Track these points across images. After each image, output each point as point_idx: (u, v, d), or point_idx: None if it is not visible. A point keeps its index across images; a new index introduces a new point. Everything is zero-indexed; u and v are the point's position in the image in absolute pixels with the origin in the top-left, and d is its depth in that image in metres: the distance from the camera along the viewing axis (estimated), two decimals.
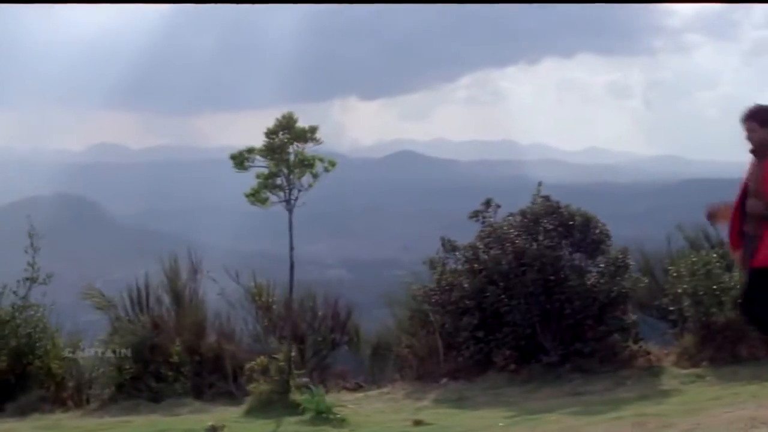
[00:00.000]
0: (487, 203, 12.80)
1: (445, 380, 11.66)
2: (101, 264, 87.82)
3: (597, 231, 12.39)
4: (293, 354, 11.07)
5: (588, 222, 12.38)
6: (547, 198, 12.64)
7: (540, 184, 13.03)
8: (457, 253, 12.74)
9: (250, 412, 10.39)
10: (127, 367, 11.75)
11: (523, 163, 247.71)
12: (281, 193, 10.89)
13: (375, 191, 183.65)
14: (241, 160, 10.79)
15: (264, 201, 10.94)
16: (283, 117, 10.65)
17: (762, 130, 7.44)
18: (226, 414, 10.47)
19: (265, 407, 10.36)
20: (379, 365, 12.91)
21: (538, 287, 11.82)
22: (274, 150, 10.68)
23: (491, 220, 12.74)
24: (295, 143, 10.72)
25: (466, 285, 12.22)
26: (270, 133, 10.69)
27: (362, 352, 13.19)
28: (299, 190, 10.86)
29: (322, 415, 9.81)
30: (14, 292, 12.18)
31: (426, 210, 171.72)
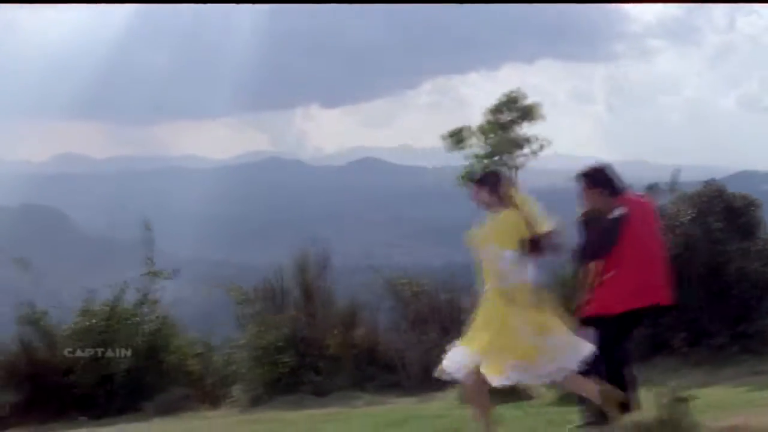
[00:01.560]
0: (650, 188, 12.31)
1: None
2: (68, 273, 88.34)
3: (755, 214, 12.24)
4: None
5: (749, 204, 12.23)
6: (709, 183, 12.39)
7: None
8: None
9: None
10: (286, 360, 11.27)
11: None
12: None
13: (338, 198, 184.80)
14: (458, 138, 10.60)
15: None
16: (511, 93, 9.92)
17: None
18: (414, 404, 9.99)
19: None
20: None
21: (705, 270, 11.66)
22: (500, 127, 9.99)
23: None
24: (522, 121, 9.88)
25: None
26: (495, 110, 10.04)
27: None
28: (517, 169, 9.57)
29: None
30: (136, 289, 12.02)
31: (391, 217, 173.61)
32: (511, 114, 9.36)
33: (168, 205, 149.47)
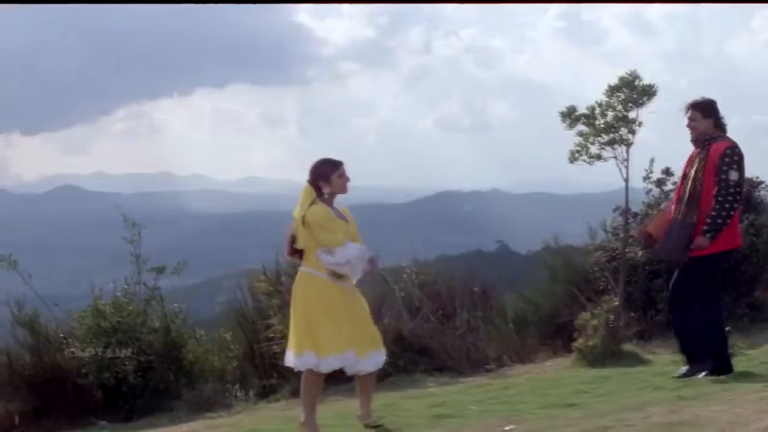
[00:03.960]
0: (667, 171, 12.56)
1: (634, 342, 11.49)
2: None
3: None
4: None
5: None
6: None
7: None
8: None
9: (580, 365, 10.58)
10: None
11: (181, 193, 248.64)
12: (620, 148, 10.88)
13: (39, 226, 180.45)
14: (575, 117, 10.87)
15: (597, 157, 10.99)
16: (627, 74, 10.67)
17: (704, 121, 8.19)
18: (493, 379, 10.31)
19: (597, 361, 10.51)
20: (522, 338, 12.59)
21: None
22: (612, 107, 10.71)
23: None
24: (639, 102, 10.71)
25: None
26: (613, 90, 10.76)
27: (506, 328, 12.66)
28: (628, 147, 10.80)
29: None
30: (144, 284, 11.58)
31: (90, 244, 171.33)
32: (626, 94, 10.47)
33: None
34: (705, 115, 8.13)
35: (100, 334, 11.13)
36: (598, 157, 10.96)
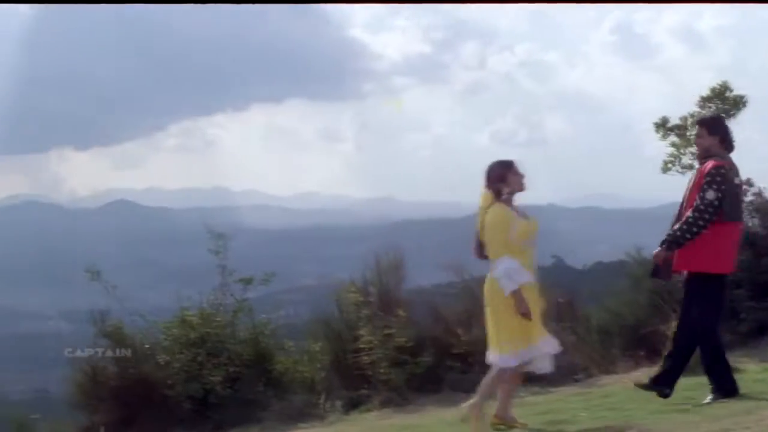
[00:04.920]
0: (747, 182, 12.12)
1: None
2: None
3: None
4: None
5: None
6: None
7: None
8: None
9: None
10: (427, 357, 10.90)
11: (236, 209, 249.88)
12: None
13: (93, 241, 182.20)
14: (668, 128, 10.84)
15: (689, 168, 10.97)
16: (719, 85, 10.59)
17: (709, 138, 7.86)
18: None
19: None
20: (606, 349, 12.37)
21: None
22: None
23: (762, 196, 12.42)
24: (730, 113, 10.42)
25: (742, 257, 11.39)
26: (705, 101, 10.66)
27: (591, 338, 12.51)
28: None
29: None
30: (231, 295, 11.52)
31: (143, 259, 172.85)
32: (718, 105, 10.32)
33: None
34: (711, 131, 7.82)
35: (188, 345, 11.16)
36: (690, 167, 10.86)
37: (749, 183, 12.23)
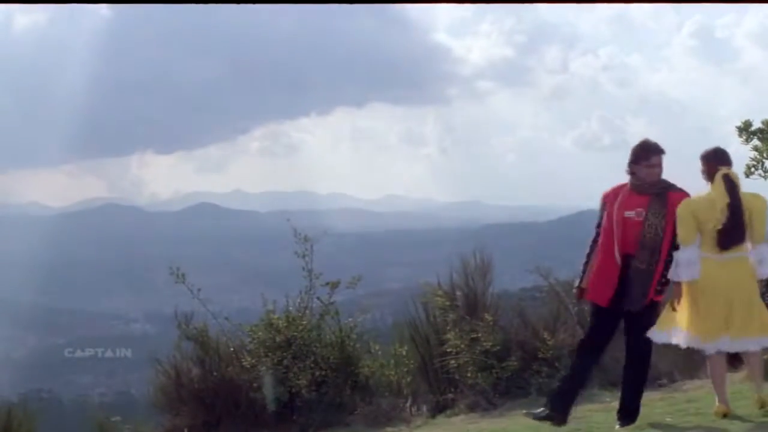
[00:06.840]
0: None
1: None
2: None
3: None
4: None
5: None
6: None
7: None
8: None
9: None
10: (513, 361, 10.75)
11: (322, 212, 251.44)
12: None
13: (174, 243, 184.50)
14: (751, 132, 10.70)
15: None
16: None
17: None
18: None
19: None
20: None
21: None
22: None
23: None
24: None
25: None
26: None
27: None
28: None
29: None
30: (318, 298, 11.47)
31: (226, 261, 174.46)
32: None
33: (11, 253, 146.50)
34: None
35: (274, 348, 11.12)
36: None
37: None
